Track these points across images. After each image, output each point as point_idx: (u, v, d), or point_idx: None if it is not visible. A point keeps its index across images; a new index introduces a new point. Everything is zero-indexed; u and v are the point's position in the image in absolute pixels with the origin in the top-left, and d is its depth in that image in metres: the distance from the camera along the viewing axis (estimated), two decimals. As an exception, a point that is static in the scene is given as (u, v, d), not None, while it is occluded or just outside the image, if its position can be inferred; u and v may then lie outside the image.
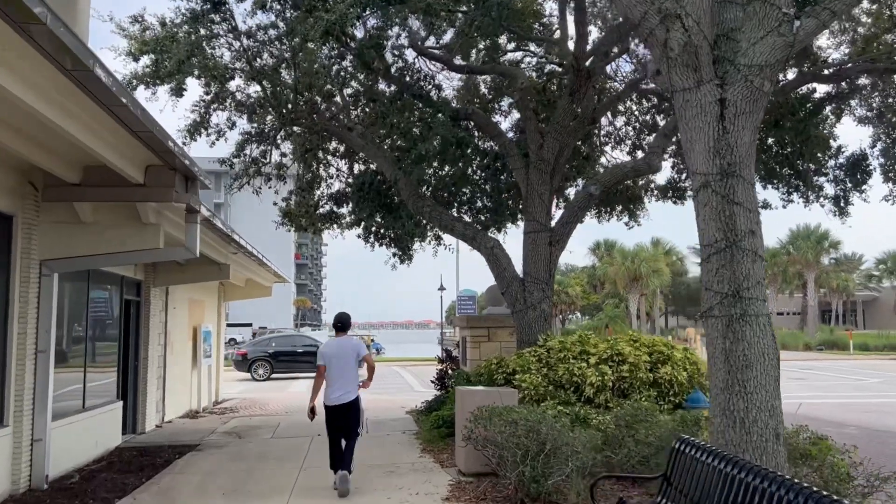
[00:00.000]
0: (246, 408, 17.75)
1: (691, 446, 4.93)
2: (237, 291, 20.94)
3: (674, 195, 14.62)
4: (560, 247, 11.53)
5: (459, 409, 8.81)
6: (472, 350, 13.14)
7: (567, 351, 9.80)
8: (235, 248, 12.88)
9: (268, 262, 16.43)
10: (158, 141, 7.18)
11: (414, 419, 13.94)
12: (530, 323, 11.14)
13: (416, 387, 25.24)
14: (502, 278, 11.36)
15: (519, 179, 11.71)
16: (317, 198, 17.02)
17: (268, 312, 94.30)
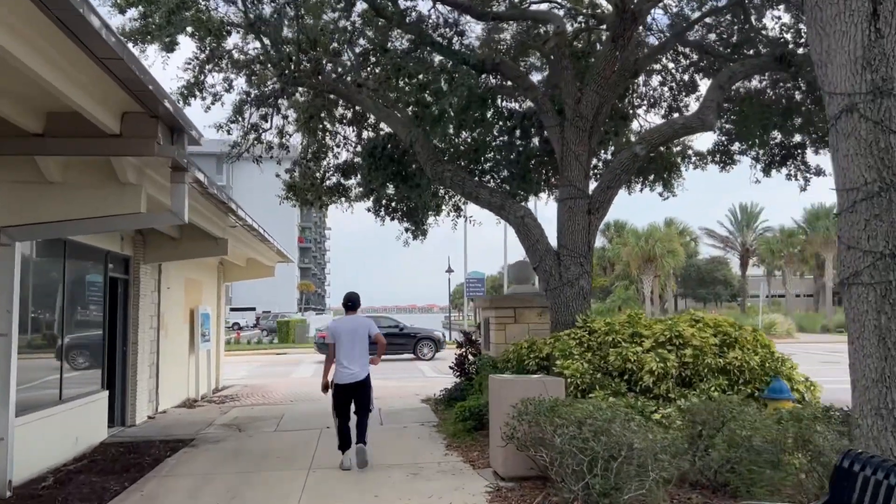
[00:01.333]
0: (248, 395, 16.49)
1: (870, 466, 3.56)
2: (238, 271, 19.63)
3: (722, 159, 13.20)
4: (600, 215, 10.17)
5: (495, 401, 7.50)
6: (497, 333, 11.82)
7: (616, 333, 8.46)
8: (234, 219, 11.55)
9: (270, 238, 15.10)
10: (133, 75, 5.82)
11: (432, 409, 12.65)
12: (567, 301, 9.81)
13: (427, 372, 24.00)
14: (534, 251, 10.02)
15: (553, 140, 10.34)
16: (323, 169, 15.66)
17: (271, 296, 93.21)
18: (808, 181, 13.18)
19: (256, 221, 13.36)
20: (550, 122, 10.31)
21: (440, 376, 22.53)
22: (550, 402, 6.37)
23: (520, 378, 7.43)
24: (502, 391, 7.17)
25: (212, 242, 12.34)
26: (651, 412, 7.36)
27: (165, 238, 12.16)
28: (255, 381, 20.74)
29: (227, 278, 19.74)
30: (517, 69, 10.83)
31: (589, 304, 10.07)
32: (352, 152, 15.72)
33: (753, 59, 10.74)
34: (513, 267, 12.70)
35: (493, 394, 7.64)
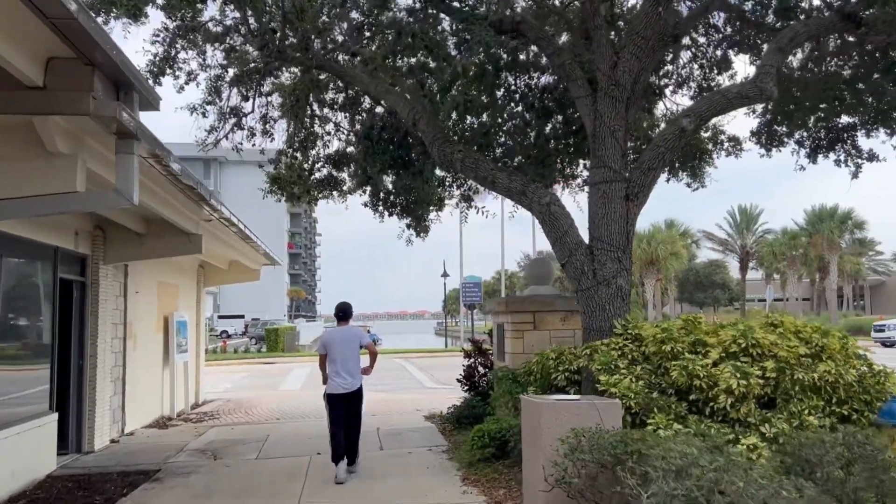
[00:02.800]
0: (230, 412, 14.83)
1: None
2: (220, 275, 17.96)
3: (766, 141, 11.66)
4: (639, 202, 8.62)
5: (530, 429, 5.91)
6: (513, 341, 10.23)
7: (674, 342, 6.86)
8: (209, 211, 9.91)
9: (253, 236, 13.47)
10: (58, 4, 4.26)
11: (438, 429, 11.03)
12: (602, 304, 8.24)
13: (426, 383, 22.40)
14: (562, 245, 8.45)
15: (583, 113, 8.78)
16: (311, 160, 14.04)
17: (260, 303, 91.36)
18: (860, 167, 11.68)
19: (236, 216, 11.74)
20: (580, 93, 8.76)
21: (440, 388, 20.93)
22: (615, 436, 4.78)
23: (564, 400, 5.83)
24: (542, 417, 5.58)
25: (183, 239, 10.69)
26: (727, 441, 5.79)
27: (129, 234, 10.52)
28: (240, 395, 19.06)
29: (209, 282, 18.07)
30: (541, 29, 9.26)
31: (628, 306, 8.50)
32: (344, 141, 14.12)
33: (818, 19, 9.24)
34: (531, 265, 11.12)
35: (527, 419, 6.05)
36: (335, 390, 8.22)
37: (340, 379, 8.20)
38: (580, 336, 10.34)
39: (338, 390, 8.21)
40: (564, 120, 10.59)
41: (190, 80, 12.12)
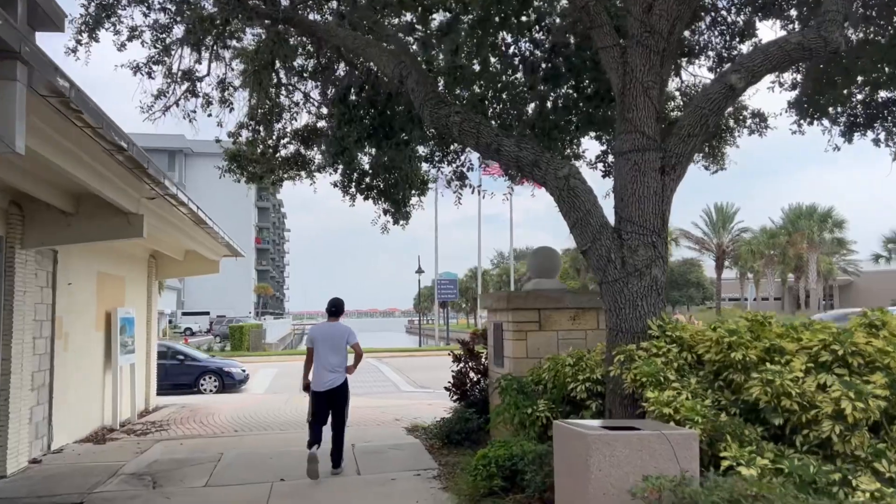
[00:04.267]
0: (182, 421, 13.04)
1: None
2: (175, 266, 16.12)
3: (810, 112, 10.18)
4: (676, 175, 7.09)
5: (571, 467, 4.33)
6: (515, 343, 8.65)
7: (745, 347, 5.31)
8: (151, 185, 8.16)
9: (210, 221, 11.69)
10: None
11: (425, 446, 9.39)
12: (633, 299, 6.70)
13: (402, 386, 20.75)
14: (584, 228, 6.89)
15: (609, 68, 7.23)
16: (276, 135, 12.33)
17: (226, 300, 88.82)
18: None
19: (190, 198, 9.97)
20: (606, 42, 7.20)
21: (419, 391, 19.32)
22: (720, 490, 3.21)
23: (619, 430, 4.24)
24: (592, 455, 4.00)
25: (121, 220, 8.91)
26: (830, 483, 4.27)
27: (54, 213, 8.72)
28: (197, 400, 17.24)
29: (162, 274, 16.23)
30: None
31: (664, 302, 6.97)
32: (314, 114, 12.45)
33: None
34: (535, 255, 9.54)
35: (565, 453, 4.46)
36: (319, 387, 8.10)
37: (325, 375, 8.09)
38: (592, 338, 8.82)
39: (322, 387, 8.09)
40: (575, 86, 9.00)
41: (134, 36, 10.36)
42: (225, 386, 20.62)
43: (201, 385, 20.57)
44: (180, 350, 21.98)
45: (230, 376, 20.86)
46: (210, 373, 20.65)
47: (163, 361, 20.79)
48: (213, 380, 20.68)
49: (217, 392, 20.24)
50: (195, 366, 21.00)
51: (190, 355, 21.62)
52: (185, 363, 20.91)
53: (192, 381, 20.61)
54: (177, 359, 20.91)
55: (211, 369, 20.84)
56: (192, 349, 23.79)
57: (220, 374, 20.81)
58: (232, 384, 20.74)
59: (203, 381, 20.58)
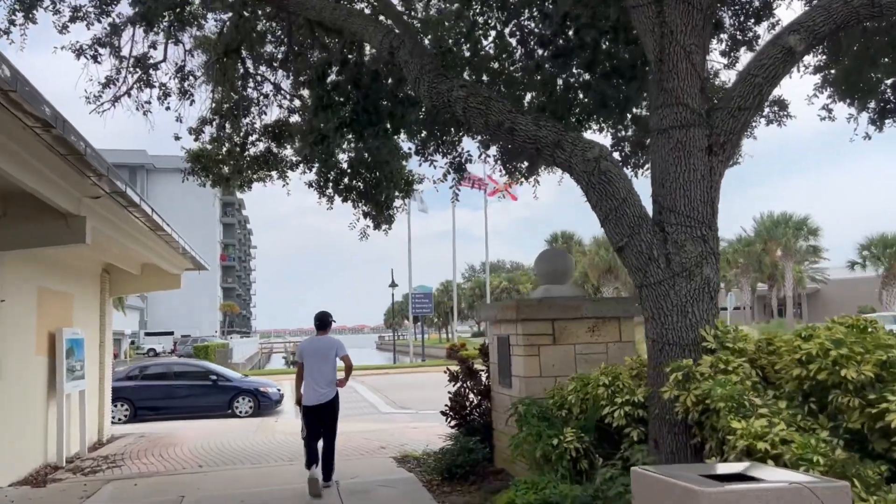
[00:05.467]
0: (139, 454, 11.56)
1: None
2: (131, 282, 14.64)
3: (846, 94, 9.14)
4: (725, 156, 5.98)
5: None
6: (526, 360, 7.43)
7: (854, 362, 4.14)
8: (94, 180, 6.81)
9: (168, 227, 10.32)
10: None
11: (422, 481, 8.07)
12: (682, 304, 5.56)
13: (381, 407, 19.37)
14: (619, 220, 5.74)
15: (642, 29, 6.11)
16: (244, 131, 11.02)
17: (191, 319, 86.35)
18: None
19: (144, 199, 8.61)
20: (637, 1, 6.10)
21: (400, 413, 17.97)
22: None
23: (747, 487, 2.99)
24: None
25: (59, 223, 7.53)
26: None
27: (-24, 215, 7.32)
28: (158, 427, 15.71)
29: (117, 290, 14.71)
30: None
31: (717, 307, 5.83)
32: (286, 108, 11.19)
33: None
34: (544, 257, 8.35)
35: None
36: (310, 401, 8.07)
37: (316, 389, 8.06)
38: (614, 352, 7.64)
39: (313, 401, 8.05)
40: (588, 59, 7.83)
41: (77, 17, 9.04)
42: (261, 407, 19.01)
43: (236, 407, 18.89)
44: (213, 370, 20.34)
45: (266, 397, 19.26)
46: (244, 393, 18.99)
47: (194, 382, 19.20)
48: (247, 401, 19.03)
49: (251, 415, 18.59)
50: (229, 386, 19.33)
51: (223, 375, 19.99)
52: (218, 384, 19.29)
53: (225, 402, 18.97)
54: (209, 379, 19.32)
55: (246, 390, 19.16)
56: (224, 369, 22.11)
57: (255, 394, 19.20)
58: (268, 405, 19.16)
59: (237, 402, 18.91)
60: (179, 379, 19.28)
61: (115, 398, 18.18)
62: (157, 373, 19.68)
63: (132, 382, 18.94)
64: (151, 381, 19.17)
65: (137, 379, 19.19)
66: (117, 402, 18.12)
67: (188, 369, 20.18)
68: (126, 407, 18.32)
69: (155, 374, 19.54)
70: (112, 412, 18.14)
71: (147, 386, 18.93)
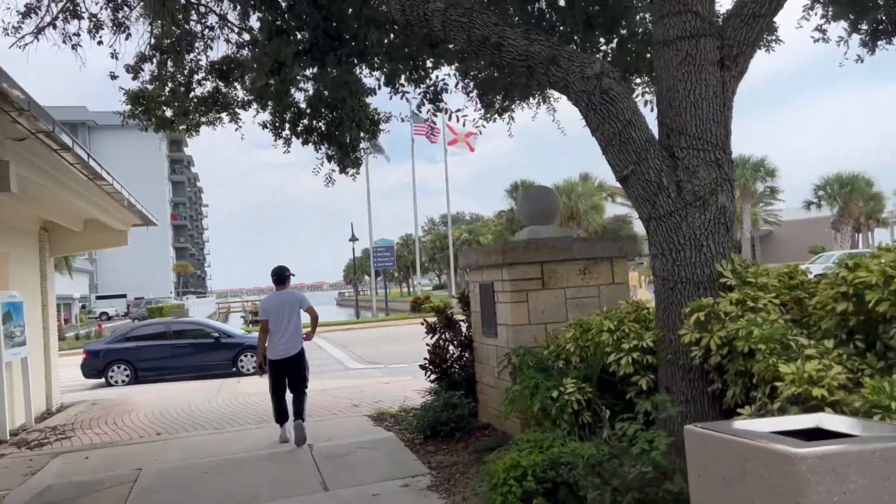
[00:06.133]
0: (92, 422, 10.75)
1: None
2: (73, 239, 13.55)
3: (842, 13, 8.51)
4: (738, 71, 5.33)
5: None
6: (513, 307, 6.81)
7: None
8: (14, 116, 5.85)
9: (109, 176, 9.33)
10: None
11: (403, 441, 7.46)
12: (696, 237, 4.97)
13: (348, 363, 18.78)
14: (624, 144, 5.07)
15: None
16: (188, 69, 9.99)
17: (144, 281, 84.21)
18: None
19: (76, 140, 7.62)
20: None
21: (369, 368, 17.38)
22: None
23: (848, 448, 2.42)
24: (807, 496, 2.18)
25: (-23, 169, 6.56)
26: None
27: None
28: (112, 393, 14.85)
29: (58, 249, 13.61)
30: None
31: (732, 240, 5.25)
32: (234, 43, 10.16)
33: None
34: (527, 196, 7.72)
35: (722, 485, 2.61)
36: (276, 355, 8.00)
37: (282, 343, 7.98)
38: (606, 295, 7.07)
39: (279, 355, 7.99)
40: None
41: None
42: None
43: (241, 364, 17.73)
44: (215, 327, 19.19)
45: None
46: (250, 350, 17.48)
47: (196, 341, 18.00)
48: (253, 357, 17.49)
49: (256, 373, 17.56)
50: (232, 343, 18.11)
51: (226, 332, 18.85)
52: (220, 341, 18.11)
53: (230, 360, 17.81)
54: (211, 337, 18.17)
55: (251, 346, 17.52)
56: (227, 326, 20.77)
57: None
58: None
59: (242, 359, 17.70)
60: (180, 338, 18.05)
61: (114, 360, 17.42)
62: (156, 332, 18.50)
63: (131, 343, 17.86)
64: (151, 341, 18.02)
65: (136, 340, 18.06)
66: (117, 364, 17.36)
67: (188, 328, 18.90)
68: (125, 369, 17.37)
69: (154, 335, 18.36)
70: (111, 375, 17.43)
71: (147, 346, 17.77)
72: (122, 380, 17.28)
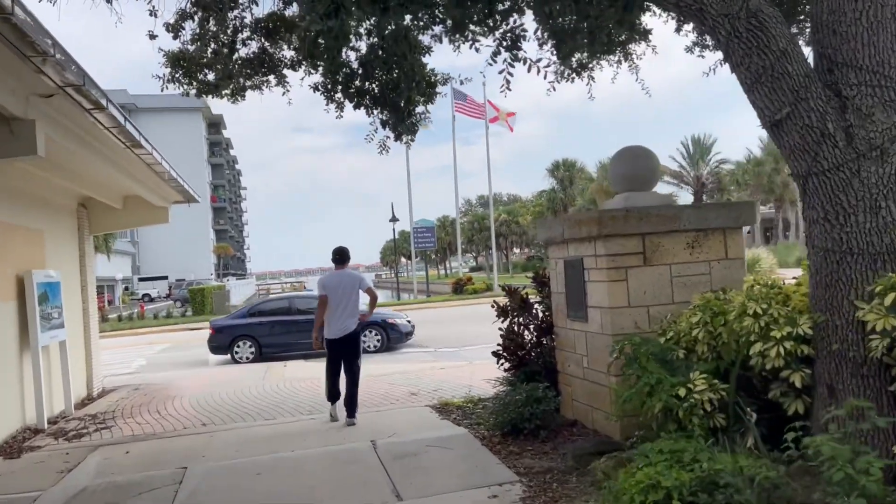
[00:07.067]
0: (134, 410, 10.09)
1: None
2: (112, 217, 12.90)
3: None
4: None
5: None
6: (610, 287, 5.83)
7: None
8: (38, 65, 5.04)
9: (147, 142, 8.56)
10: None
11: (479, 438, 6.54)
12: (873, 196, 3.96)
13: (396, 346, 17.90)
14: (777, 79, 4.04)
15: None
16: (232, 26, 9.14)
17: (185, 262, 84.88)
18: None
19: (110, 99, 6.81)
20: None
21: (419, 351, 16.58)
22: None
23: None
24: None
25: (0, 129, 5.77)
26: None
27: None
28: (155, 377, 14.24)
29: (97, 227, 12.97)
30: None
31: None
32: (281, 0, 9.28)
33: None
34: (621, 157, 6.67)
35: None
36: (334, 335, 8.08)
37: (339, 322, 8.06)
38: (719, 274, 6.04)
39: (336, 334, 8.06)
40: None
41: None
42: (390, 340, 17.01)
43: (363, 341, 16.87)
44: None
45: (395, 329, 17.15)
46: (371, 326, 16.60)
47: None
48: (374, 334, 16.97)
49: (379, 350, 16.71)
50: None
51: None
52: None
53: None
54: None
55: (372, 322, 16.32)
56: None
57: (383, 326, 17.04)
58: (398, 338, 17.15)
59: (366, 335, 16.70)
60: (303, 314, 16.84)
61: (239, 336, 16.77)
62: (280, 308, 17.69)
63: (255, 319, 17.19)
64: (274, 316, 17.26)
65: (259, 315, 17.36)
66: (242, 340, 16.76)
67: (312, 304, 17.22)
68: (251, 345, 16.69)
69: (277, 310, 17.55)
70: (236, 351, 16.76)
71: (270, 322, 17.02)
72: (247, 356, 16.62)
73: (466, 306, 29.87)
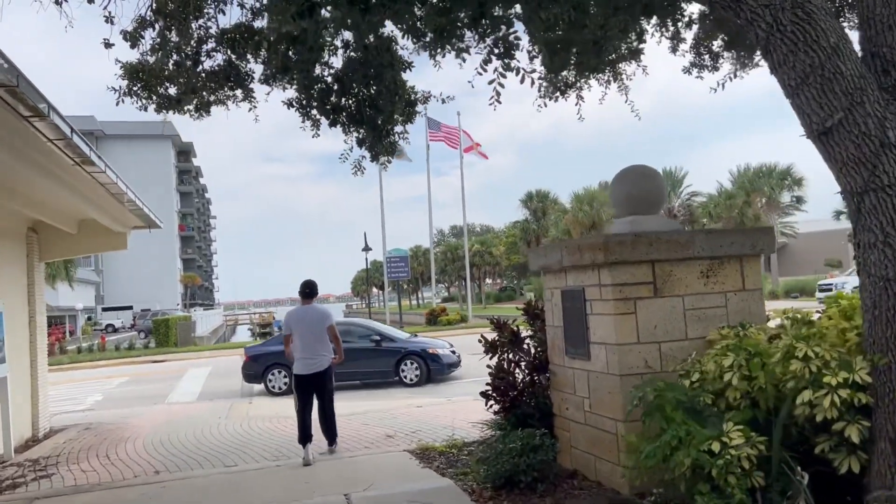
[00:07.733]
0: (81, 453, 9.15)
1: None
2: (66, 242, 11.98)
3: None
4: None
5: None
6: (617, 320, 5.18)
7: None
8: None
9: (100, 160, 7.78)
10: None
11: (467, 492, 5.78)
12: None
13: (369, 381, 17.01)
14: (827, 80, 3.46)
15: None
16: (196, 37, 8.46)
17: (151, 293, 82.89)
18: None
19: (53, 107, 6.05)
20: None
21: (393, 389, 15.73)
22: None
23: None
24: None
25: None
26: None
27: None
28: (109, 414, 13.23)
29: (49, 253, 12.05)
30: None
31: None
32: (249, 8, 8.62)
33: None
34: (624, 177, 6.06)
35: None
36: (301, 371, 7.85)
37: (307, 359, 7.82)
38: (735, 305, 5.41)
39: (305, 370, 7.83)
40: None
41: None
42: (431, 372, 15.59)
43: (402, 372, 15.62)
44: (375, 329, 16.81)
45: (436, 360, 15.73)
46: (411, 356, 15.63)
47: (355, 345, 15.31)
48: (414, 366, 15.62)
49: (417, 383, 15.35)
50: (393, 349, 15.87)
51: (387, 335, 16.50)
52: (381, 345, 15.85)
53: (391, 367, 15.65)
54: (372, 341, 15.91)
55: (412, 352, 15.73)
56: (389, 328, 18.31)
57: (422, 357, 15.68)
58: (439, 370, 15.68)
59: (404, 367, 15.63)
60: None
61: (271, 364, 15.45)
62: None
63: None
64: None
65: None
66: (275, 368, 15.44)
67: (347, 328, 16.23)
68: (284, 375, 15.20)
69: None
70: (270, 380, 15.50)
71: None
72: (279, 386, 15.36)
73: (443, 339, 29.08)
